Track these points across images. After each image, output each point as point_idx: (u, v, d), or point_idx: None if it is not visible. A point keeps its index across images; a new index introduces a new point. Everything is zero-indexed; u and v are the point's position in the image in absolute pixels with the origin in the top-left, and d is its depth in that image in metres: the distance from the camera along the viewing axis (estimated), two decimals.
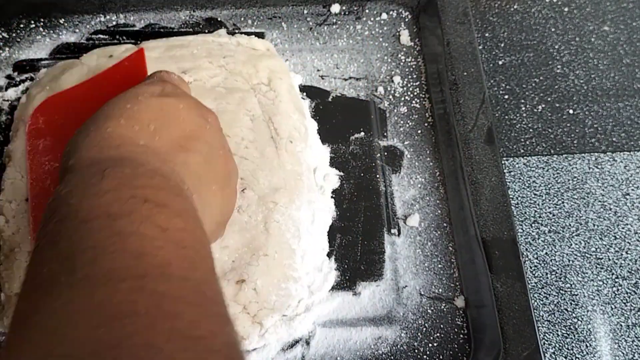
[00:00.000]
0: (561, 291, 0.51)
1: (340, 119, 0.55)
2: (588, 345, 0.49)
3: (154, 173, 0.28)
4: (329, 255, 0.49)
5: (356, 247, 0.50)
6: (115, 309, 0.21)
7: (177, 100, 0.34)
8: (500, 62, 0.61)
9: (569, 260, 0.52)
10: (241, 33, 0.56)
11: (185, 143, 0.33)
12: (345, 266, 0.49)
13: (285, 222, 0.45)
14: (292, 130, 0.49)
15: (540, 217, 0.54)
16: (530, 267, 0.52)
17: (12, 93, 0.53)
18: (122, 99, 0.33)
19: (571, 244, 0.53)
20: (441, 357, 0.47)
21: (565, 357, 0.49)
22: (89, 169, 0.28)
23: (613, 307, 0.51)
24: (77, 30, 0.57)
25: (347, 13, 0.59)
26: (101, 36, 0.57)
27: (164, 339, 0.20)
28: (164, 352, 0.20)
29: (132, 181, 0.27)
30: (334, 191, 0.52)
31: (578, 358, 0.49)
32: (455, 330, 0.48)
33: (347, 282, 0.49)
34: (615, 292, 0.51)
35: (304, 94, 0.55)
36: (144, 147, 0.30)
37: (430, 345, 0.47)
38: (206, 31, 0.57)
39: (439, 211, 0.52)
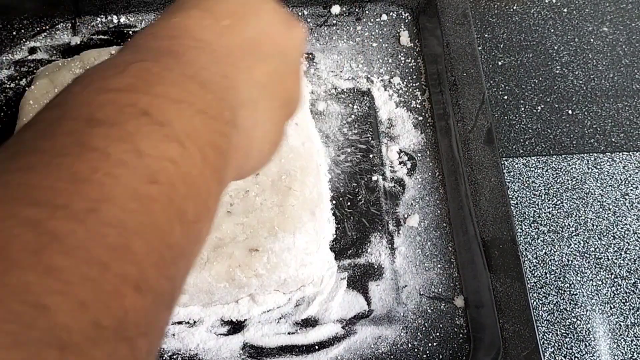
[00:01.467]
0: (560, 291, 0.51)
1: (340, 119, 0.55)
2: (587, 344, 0.50)
3: (189, 79, 0.23)
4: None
5: (356, 247, 0.50)
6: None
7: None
8: (499, 63, 0.61)
9: (568, 260, 0.53)
10: None
11: (256, 47, 0.28)
12: (345, 266, 0.49)
13: (300, 205, 0.46)
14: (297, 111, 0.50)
15: (539, 217, 0.54)
16: (530, 267, 0.52)
17: (13, 87, 0.53)
18: None
19: (570, 244, 0.53)
20: (441, 356, 0.47)
21: (565, 357, 0.49)
22: (122, 55, 0.24)
23: (612, 306, 0.51)
24: (77, 31, 0.57)
25: (347, 14, 0.60)
26: (102, 37, 0.57)
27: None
28: None
29: (150, 86, 0.22)
30: (333, 192, 0.52)
31: (577, 357, 0.49)
32: (455, 329, 0.48)
33: (347, 281, 0.49)
34: (614, 292, 0.51)
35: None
36: (203, 44, 0.26)
37: (430, 344, 0.47)
38: None
39: (439, 211, 0.52)
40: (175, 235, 0.20)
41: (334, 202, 0.52)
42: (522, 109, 0.59)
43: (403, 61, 0.58)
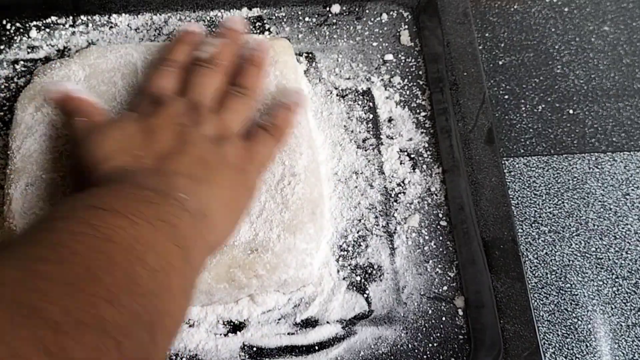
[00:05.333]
0: (561, 291, 0.51)
1: (340, 119, 0.55)
2: (588, 345, 0.49)
3: (137, 187, 0.35)
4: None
5: (356, 247, 0.50)
6: None
7: None
8: (500, 62, 0.61)
9: (569, 260, 0.52)
10: None
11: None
12: (345, 266, 0.49)
13: (302, 205, 0.46)
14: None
15: (540, 217, 0.54)
16: (530, 267, 0.52)
17: (12, 86, 0.53)
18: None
19: (571, 244, 0.53)
20: (441, 357, 0.47)
21: (565, 357, 0.49)
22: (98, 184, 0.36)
23: (613, 307, 0.51)
24: (77, 31, 0.57)
25: (347, 13, 0.59)
26: (101, 36, 0.57)
27: None
28: None
29: (100, 197, 0.33)
30: (333, 193, 0.52)
31: (578, 358, 0.49)
32: (455, 330, 0.48)
33: (347, 281, 0.49)
34: (615, 292, 0.51)
35: None
36: (144, 166, 0.38)
37: (430, 345, 0.47)
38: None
39: (439, 211, 0.52)
40: (141, 276, 0.29)
41: (334, 202, 0.51)
42: (523, 108, 0.59)
43: (403, 61, 0.58)
